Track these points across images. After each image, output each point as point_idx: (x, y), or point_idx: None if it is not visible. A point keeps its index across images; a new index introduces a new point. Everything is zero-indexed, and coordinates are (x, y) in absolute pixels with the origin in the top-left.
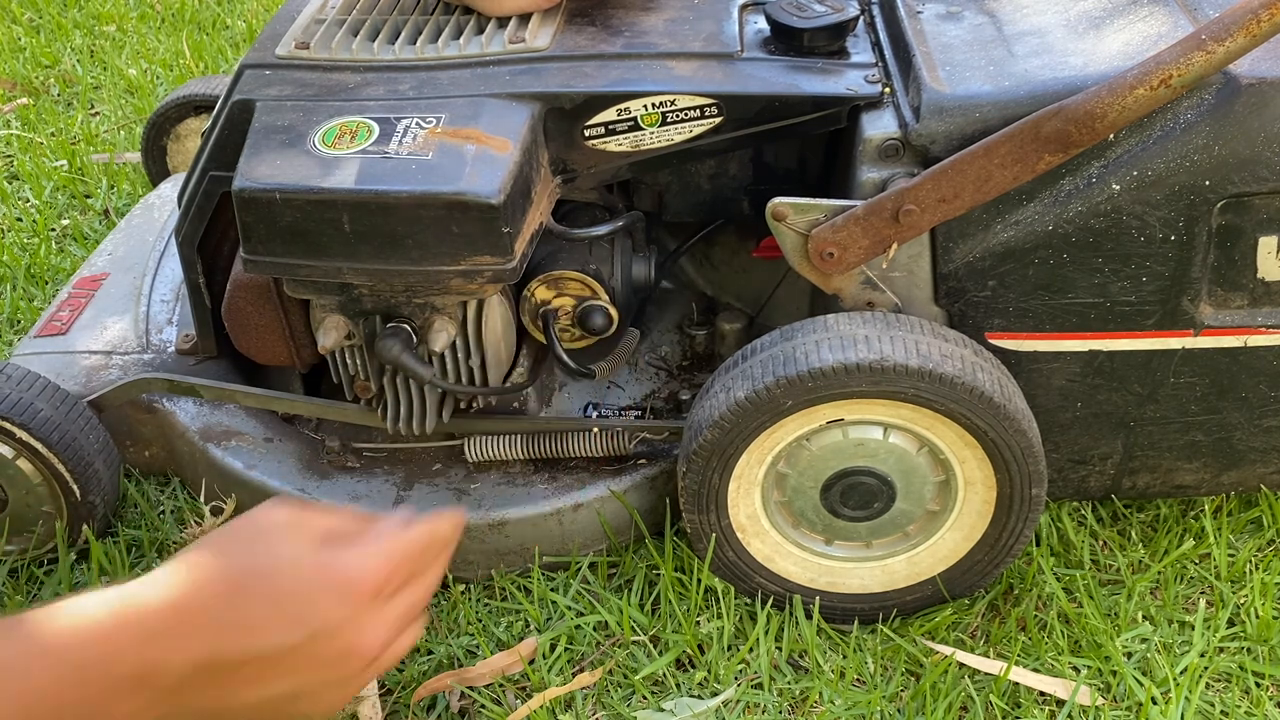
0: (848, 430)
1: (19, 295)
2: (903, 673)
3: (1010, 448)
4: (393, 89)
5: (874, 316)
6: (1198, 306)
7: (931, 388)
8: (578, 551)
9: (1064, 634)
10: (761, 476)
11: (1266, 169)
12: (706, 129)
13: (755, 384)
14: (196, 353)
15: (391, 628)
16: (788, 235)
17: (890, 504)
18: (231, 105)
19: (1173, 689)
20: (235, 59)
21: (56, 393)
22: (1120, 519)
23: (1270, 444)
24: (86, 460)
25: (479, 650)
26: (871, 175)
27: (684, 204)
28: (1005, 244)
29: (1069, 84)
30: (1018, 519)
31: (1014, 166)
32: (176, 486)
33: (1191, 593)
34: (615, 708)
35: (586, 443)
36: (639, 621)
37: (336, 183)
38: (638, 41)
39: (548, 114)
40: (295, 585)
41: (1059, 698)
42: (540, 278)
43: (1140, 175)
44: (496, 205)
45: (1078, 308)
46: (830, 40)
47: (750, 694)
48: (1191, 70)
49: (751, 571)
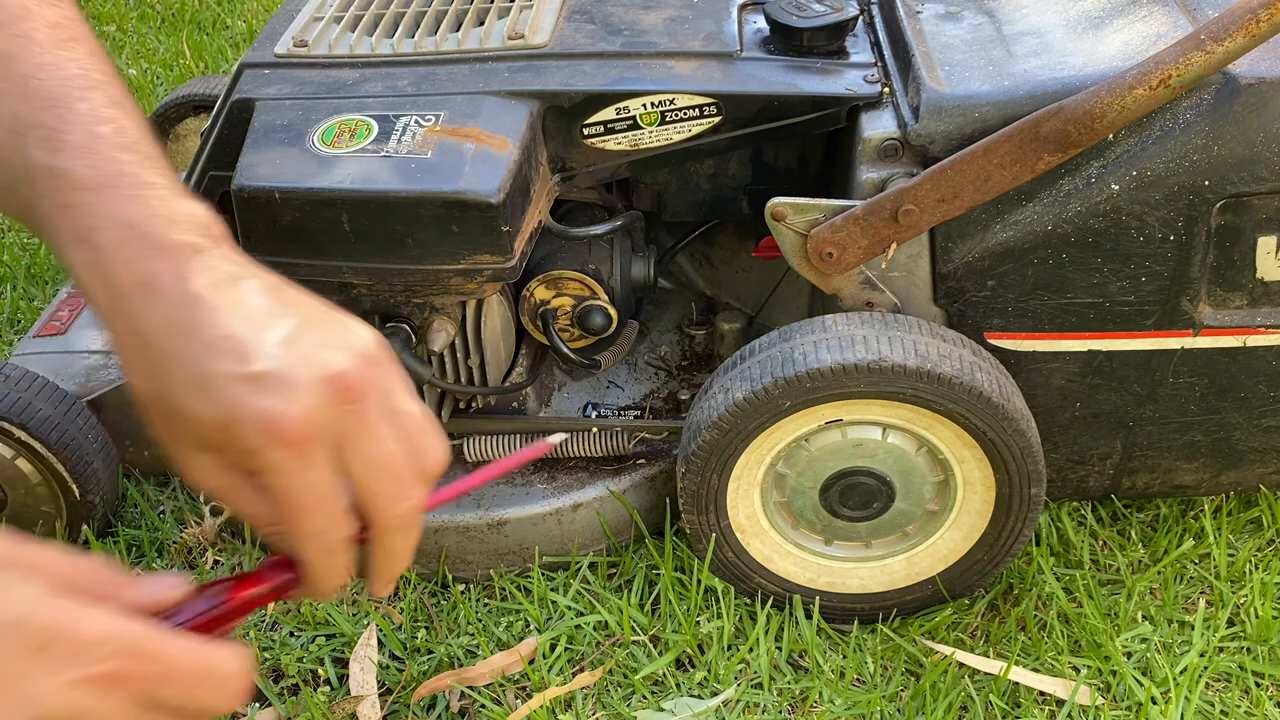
0: (847, 431)
1: (19, 295)
2: (903, 673)
3: (1009, 448)
4: (391, 85)
5: (872, 317)
6: (1197, 306)
7: (930, 388)
8: (577, 551)
9: (1064, 634)
10: (761, 477)
11: (1265, 169)
12: (705, 128)
13: (754, 384)
14: None
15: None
16: (787, 235)
17: (889, 504)
18: (231, 104)
19: (1172, 689)
20: (235, 59)
21: (56, 392)
22: (1120, 519)
23: (1269, 444)
24: (86, 460)
25: (479, 650)
26: (871, 175)
27: (683, 203)
28: (1004, 244)
29: (1068, 84)
30: (1017, 519)
31: (1013, 166)
32: (176, 486)
33: (1191, 593)
34: (615, 708)
35: (586, 443)
36: (639, 621)
37: (336, 182)
38: (637, 40)
39: (546, 112)
40: (16, 655)
41: (1059, 697)
42: (539, 277)
43: (1139, 175)
44: (496, 204)
45: (1077, 308)
46: (829, 40)
47: (750, 694)
48: (1191, 70)
49: (751, 572)
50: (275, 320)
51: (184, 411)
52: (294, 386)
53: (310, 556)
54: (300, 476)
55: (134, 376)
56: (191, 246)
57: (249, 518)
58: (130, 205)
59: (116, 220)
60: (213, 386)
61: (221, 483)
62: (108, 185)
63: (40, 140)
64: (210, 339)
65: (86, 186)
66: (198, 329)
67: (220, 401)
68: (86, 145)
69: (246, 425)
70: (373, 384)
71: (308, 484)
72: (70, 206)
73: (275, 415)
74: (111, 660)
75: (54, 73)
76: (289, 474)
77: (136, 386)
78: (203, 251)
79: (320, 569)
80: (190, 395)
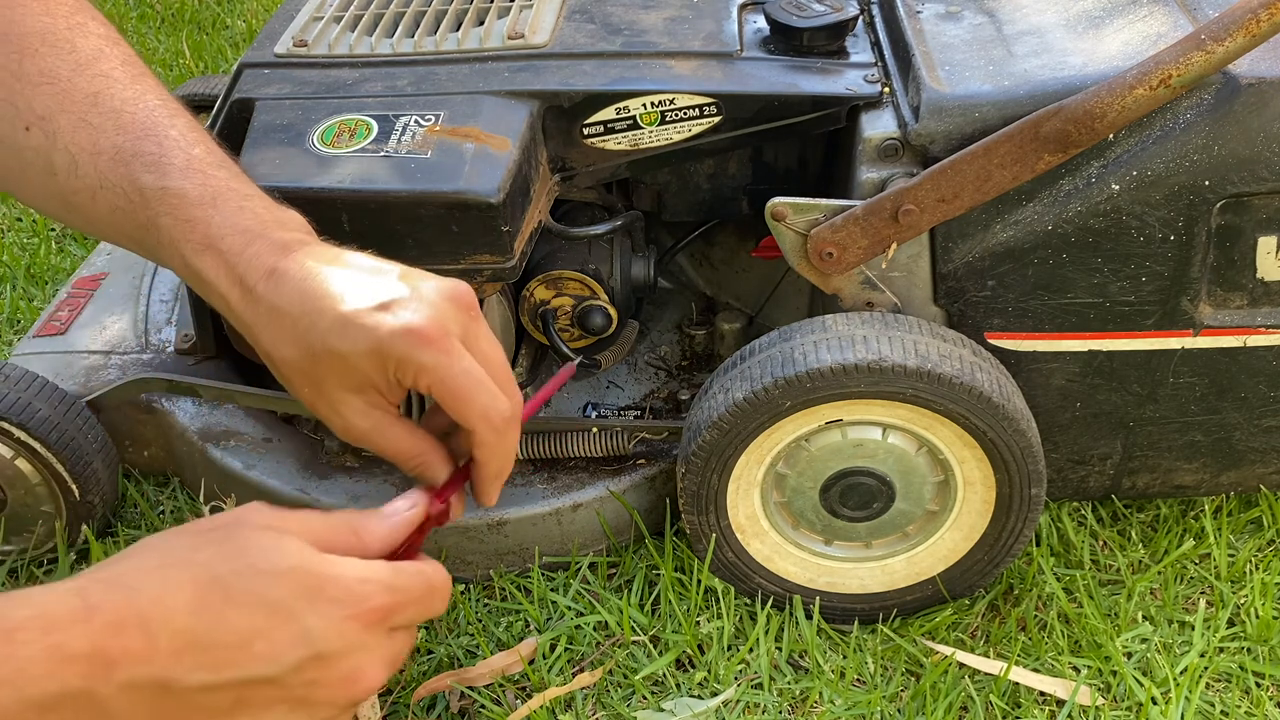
0: (847, 431)
1: (19, 295)
2: (903, 673)
3: (1009, 448)
4: (391, 85)
5: (872, 317)
6: (1197, 306)
7: (930, 388)
8: (577, 551)
9: (1064, 634)
10: (760, 477)
11: (1266, 169)
12: (705, 128)
13: (754, 385)
14: (195, 353)
15: (389, 666)
16: (787, 235)
17: (889, 504)
18: (231, 104)
19: (1173, 689)
20: (235, 59)
21: (55, 393)
22: (1120, 519)
23: (1270, 444)
24: (85, 460)
25: (479, 650)
26: (871, 175)
27: (683, 203)
28: (1004, 244)
29: (1068, 84)
30: (1017, 519)
31: (1013, 166)
32: (176, 486)
33: (1191, 593)
34: (615, 708)
35: (585, 443)
36: (639, 621)
37: (335, 182)
38: (637, 40)
39: (546, 112)
40: (289, 597)
41: (1059, 698)
42: (539, 277)
43: (1140, 175)
44: (496, 204)
45: (1077, 308)
46: (829, 40)
47: (750, 694)
48: (1191, 70)
49: (751, 572)
50: (384, 268)
51: (337, 352)
52: (419, 301)
53: (482, 438)
54: (452, 367)
55: (279, 349)
56: (299, 241)
57: (395, 453)
58: (242, 215)
59: (235, 228)
60: (355, 322)
61: (369, 422)
62: (217, 200)
63: (147, 165)
64: (340, 291)
65: (201, 202)
66: (327, 290)
67: (366, 331)
68: (189, 166)
69: (394, 340)
70: (475, 301)
71: (463, 369)
72: (191, 221)
73: (414, 323)
74: (369, 600)
75: (139, 105)
76: (443, 367)
77: (282, 356)
78: (307, 244)
79: (492, 450)
80: (339, 336)
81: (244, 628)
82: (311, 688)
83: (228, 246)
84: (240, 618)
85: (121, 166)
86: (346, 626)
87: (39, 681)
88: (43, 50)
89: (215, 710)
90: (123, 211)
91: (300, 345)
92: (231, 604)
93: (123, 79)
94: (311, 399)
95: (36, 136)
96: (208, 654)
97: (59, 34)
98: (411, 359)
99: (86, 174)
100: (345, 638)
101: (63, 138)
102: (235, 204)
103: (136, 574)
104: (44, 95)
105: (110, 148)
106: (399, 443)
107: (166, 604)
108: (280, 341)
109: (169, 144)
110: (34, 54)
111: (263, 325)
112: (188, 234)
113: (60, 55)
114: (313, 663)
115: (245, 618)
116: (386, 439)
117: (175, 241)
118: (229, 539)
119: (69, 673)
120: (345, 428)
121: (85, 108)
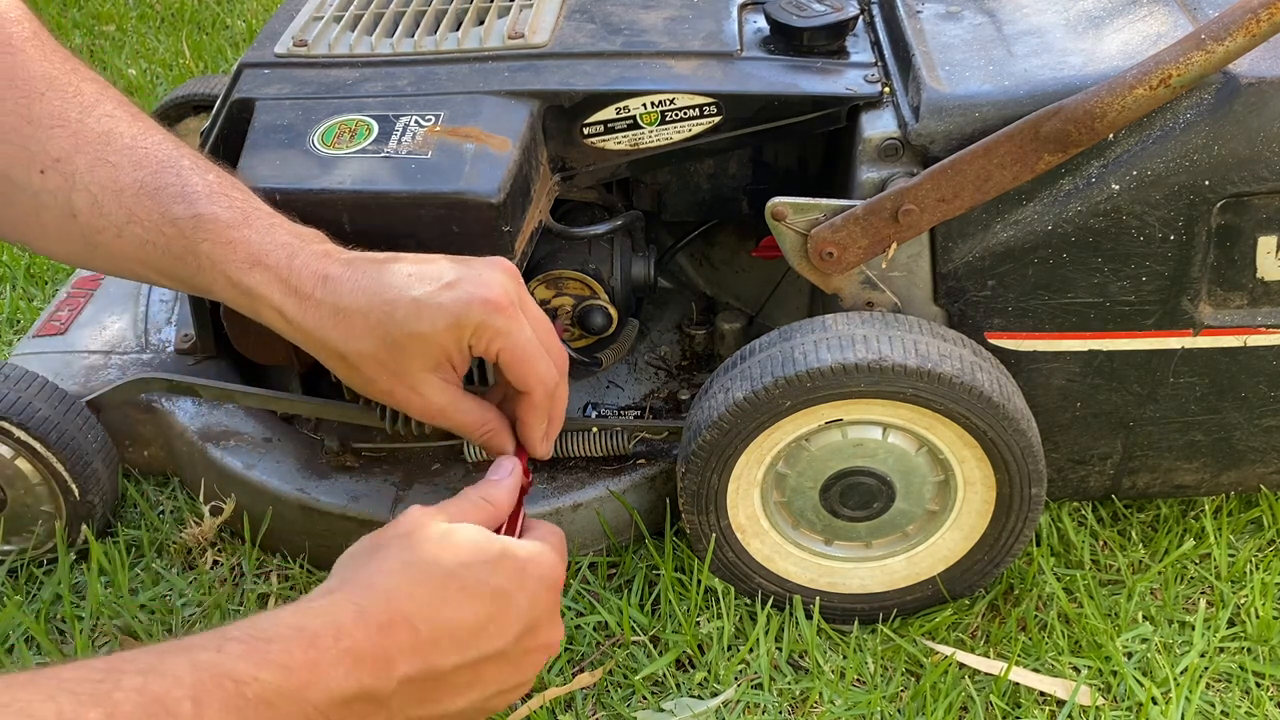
0: (847, 430)
1: (19, 295)
2: (903, 673)
3: (1009, 447)
4: (391, 85)
5: (872, 316)
6: (1197, 306)
7: (930, 387)
8: (577, 551)
9: (1064, 634)
10: (761, 477)
11: (1266, 169)
12: (705, 128)
13: (754, 384)
14: (195, 352)
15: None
16: (787, 235)
17: (890, 504)
18: (230, 104)
19: (1173, 689)
20: (235, 59)
21: (55, 392)
22: (1120, 519)
23: (1270, 444)
24: (85, 460)
25: None
26: (871, 175)
27: (683, 203)
28: (1005, 244)
29: (1069, 84)
30: (1017, 519)
31: (1013, 166)
32: (176, 486)
33: (1191, 593)
34: (615, 708)
35: (585, 443)
36: (639, 622)
37: (336, 182)
38: (637, 40)
39: (546, 112)
40: (506, 581)
41: (1059, 698)
42: (540, 277)
43: (1140, 175)
44: (496, 204)
45: (1077, 307)
46: (830, 39)
47: (750, 694)
48: (1191, 70)
49: (751, 572)
50: (430, 258)
51: (418, 334)
52: (482, 276)
53: (537, 399)
54: (520, 334)
55: (352, 344)
56: (334, 249)
57: (468, 424)
58: (276, 232)
59: (275, 244)
60: (430, 303)
61: (447, 398)
62: (248, 220)
63: (174, 197)
64: (405, 282)
65: (234, 224)
66: (391, 282)
67: (443, 309)
68: (212, 192)
69: (471, 311)
70: (519, 273)
71: (527, 338)
72: (232, 243)
73: (484, 295)
74: (555, 570)
75: (147, 141)
76: (512, 333)
77: (358, 351)
78: (343, 251)
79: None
80: (416, 319)
81: (480, 611)
82: (526, 655)
83: (274, 261)
84: (476, 604)
85: (148, 199)
86: (545, 598)
87: (340, 682)
88: (49, 94)
89: (459, 687)
90: (153, 245)
91: (376, 336)
92: (466, 593)
93: (125, 118)
94: (389, 385)
95: (53, 179)
96: (456, 639)
97: (62, 78)
98: (488, 325)
99: (110, 211)
100: (544, 606)
101: (82, 177)
102: (265, 222)
103: (385, 576)
104: (57, 138)
105: (132, 183)
106: (471, 414)
107: (419, 600)
108: (352, 338)
109: (186, 173)
110: (41, 98)
111: (328, 327)
112: (230, 255)
113: (67, 99)
114: (528, 633)
115: (480, 603)
116: (460, 410)
117: (218, 264)
118: (443, 538)
119: (362, 673)
120: (424, 406)
121: (100, 146)
